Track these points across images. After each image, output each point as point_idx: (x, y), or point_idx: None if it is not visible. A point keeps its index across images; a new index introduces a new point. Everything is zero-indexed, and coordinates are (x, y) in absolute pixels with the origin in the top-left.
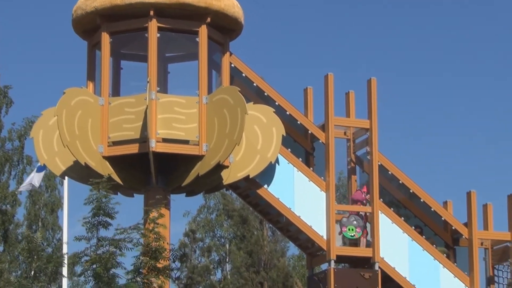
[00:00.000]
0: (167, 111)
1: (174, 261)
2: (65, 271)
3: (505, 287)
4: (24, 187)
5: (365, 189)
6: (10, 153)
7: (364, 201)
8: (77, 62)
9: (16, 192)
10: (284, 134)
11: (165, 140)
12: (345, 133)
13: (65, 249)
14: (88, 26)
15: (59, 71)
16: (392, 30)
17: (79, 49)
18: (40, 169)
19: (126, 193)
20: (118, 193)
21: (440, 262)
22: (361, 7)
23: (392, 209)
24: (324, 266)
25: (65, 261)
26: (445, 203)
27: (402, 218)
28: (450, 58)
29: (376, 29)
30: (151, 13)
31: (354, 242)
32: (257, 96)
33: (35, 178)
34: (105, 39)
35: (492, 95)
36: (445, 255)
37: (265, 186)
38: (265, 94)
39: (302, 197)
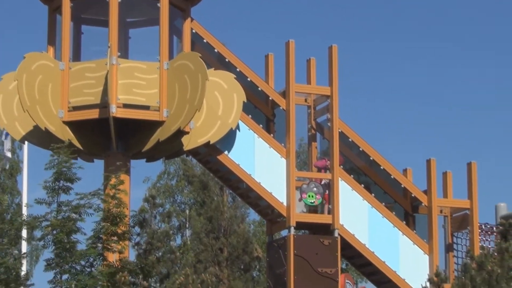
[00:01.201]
0: (128, 76)
1: (134, 227)
2: (24, 234)
3: (464, 254)
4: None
5: (322, 163)
6: None
7: (328, 168)
8: (37, 26)
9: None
10: (245, 100)
11: (125, 106)
12: (305, 100)
13: (24, 212)
14: None
15: (20, 36)
16: None
17: (40, 14)
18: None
19: (86, 158)
20: (78, 158)
21: (399, 230)
22: None
23: (352, 176)
24: (284, 233)
25: (24, 224)
26: (405, 170)
27: (362, 185)
28: (410, 25)
29: None
30: None
31: (314, 209)
32: (218, 62)
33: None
34: (66, 3)
35: (452, 62)
36: None
37: (226, 152)
38: (226, 60)
39: (262, 163)
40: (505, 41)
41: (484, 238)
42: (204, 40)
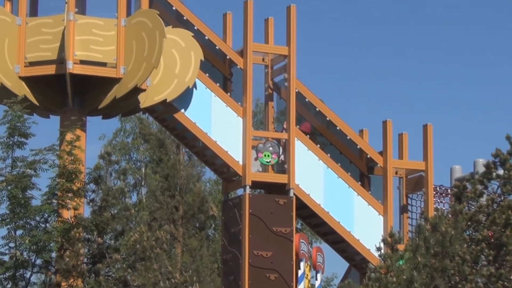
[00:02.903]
0: (85, 32)
1: (89, 184)
2: None
3: (418, 216)
4: None
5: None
6: None
7: (309, 133)
8: None
9: None
10: (202, 59)
11: (82, 62)
12: (263, 60)
13: None
14: None
15: None
16: None
17: None
18: None
19: (42, 114)
20: (34, 114)
21: (354, 190)
22: None
23: (308, 136)
24: (239, 192)
25: None
26: (361, 131)
27: (318, 145)
28: None
29: None
30: None
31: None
32: (176, 20)
33: None
34: None
35: (408, 21)
36: None
37: (182, 110)
38: (184, 18)
39: (218, 122)
40: None
41: (438, 200)
42: None
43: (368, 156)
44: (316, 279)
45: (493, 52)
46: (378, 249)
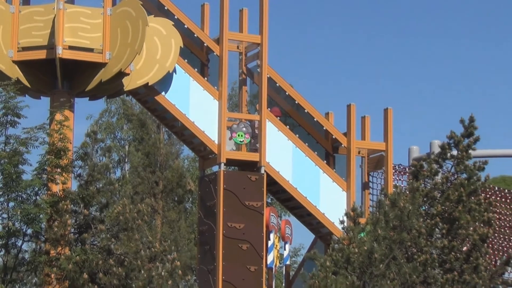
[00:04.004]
0: (74, 20)
1: (76, 160)
2: None
3: (379, 192)
4: None
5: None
6: None
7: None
8: None
9: None
10: (182, 46)
11: (71, 48)
12: (238, 47)
13: None
14: None
15: None
16: None
17: None
18: None
19: (34, 96)
20: (26, 95)
21: (320, 168)
22: None
23: (278, 118)
24: (214, 168)
25: None
26: (327, 114)
27: (288, 126)
28: None
29: None
30: None
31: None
32: (158, 9)
33: None
34: None
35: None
36: None
37: (163, 93)
38: (165, 8)
39: (196, 104)
40: None
41: (397, 178)
42: None
43: (333, 136)
44: (285, 249)
45: (451, 39)
46: (342, 222)
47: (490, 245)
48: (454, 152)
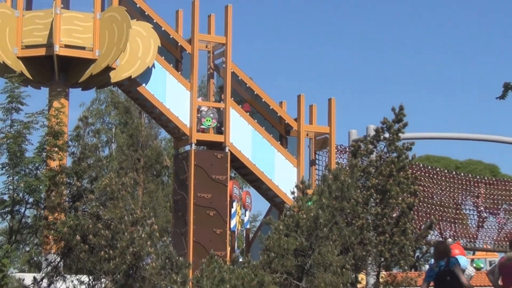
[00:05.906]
0: (69, 23)
1: (71, 140)
2: None
3: (324, 168)
4: None
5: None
6: None
7: (249, 111)
8: None
9: None
10: (160, 45)
11: (66, 46)
12: (206, 46)
13: None
14: None
15: None
16: None
17: None
18: None
19: (35, 86)
20: (28, 86)
21: (275, 148)
22: None
23: (240, 106)
24: (187, 148)
25: None
26: (281, 103)
27: (248, 113)
28: None
29: None
30: None
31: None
32: (140, 15)
33: None
34: None
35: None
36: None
37: (144, 84)
38: (146, 13)
39: (171, 94)
40: None
41: (339, 156)
42: None
43: (286, 121)
44: (245, 216)
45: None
46: (292, 193)
47: (416, 212)
48: (387, 135)
